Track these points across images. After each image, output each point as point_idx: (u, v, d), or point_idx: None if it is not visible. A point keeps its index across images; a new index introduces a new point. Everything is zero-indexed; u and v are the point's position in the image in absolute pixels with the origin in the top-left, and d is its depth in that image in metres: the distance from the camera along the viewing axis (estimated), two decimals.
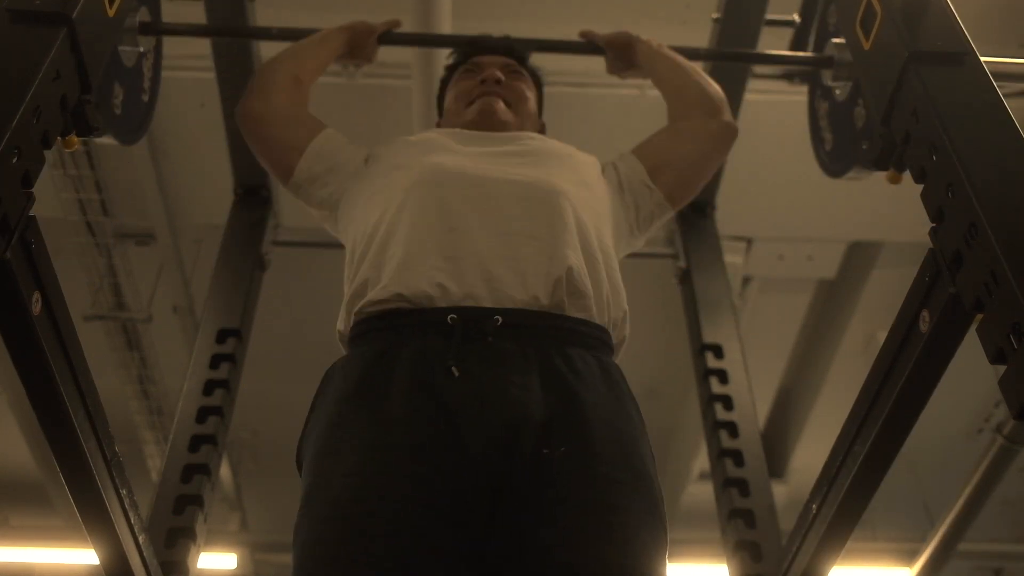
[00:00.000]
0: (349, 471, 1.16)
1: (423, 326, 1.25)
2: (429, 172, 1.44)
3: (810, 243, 3.97)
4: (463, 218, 1.36)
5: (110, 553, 1.38)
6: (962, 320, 1.04)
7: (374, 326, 1.30)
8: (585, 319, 1.31)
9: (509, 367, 1.22)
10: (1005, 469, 3.57)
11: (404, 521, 1.11)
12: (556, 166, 1.51)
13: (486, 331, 1.23)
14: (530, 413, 1.18)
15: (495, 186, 1.41)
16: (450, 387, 1.19)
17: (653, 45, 1.84)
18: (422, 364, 1.22)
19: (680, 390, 4.48)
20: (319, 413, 1.27)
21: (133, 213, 3.77)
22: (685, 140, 1.70)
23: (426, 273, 1.29)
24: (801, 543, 1.42)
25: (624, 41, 1.87)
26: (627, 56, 1.87)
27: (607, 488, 1.16)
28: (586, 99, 3.49)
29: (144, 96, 1.72)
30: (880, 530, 4.96)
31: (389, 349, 1.25)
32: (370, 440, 1.18)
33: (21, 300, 1.04)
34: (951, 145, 1.08)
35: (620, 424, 1.24)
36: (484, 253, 1.31)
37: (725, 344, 2.27)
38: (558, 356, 1.25)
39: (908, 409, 1.17)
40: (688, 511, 4.76)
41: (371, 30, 1.85)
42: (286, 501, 1.59)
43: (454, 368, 1.20)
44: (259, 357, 2.62)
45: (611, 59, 1.90)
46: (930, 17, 1.23)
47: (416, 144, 1.58)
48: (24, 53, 1.11)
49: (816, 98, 1.92)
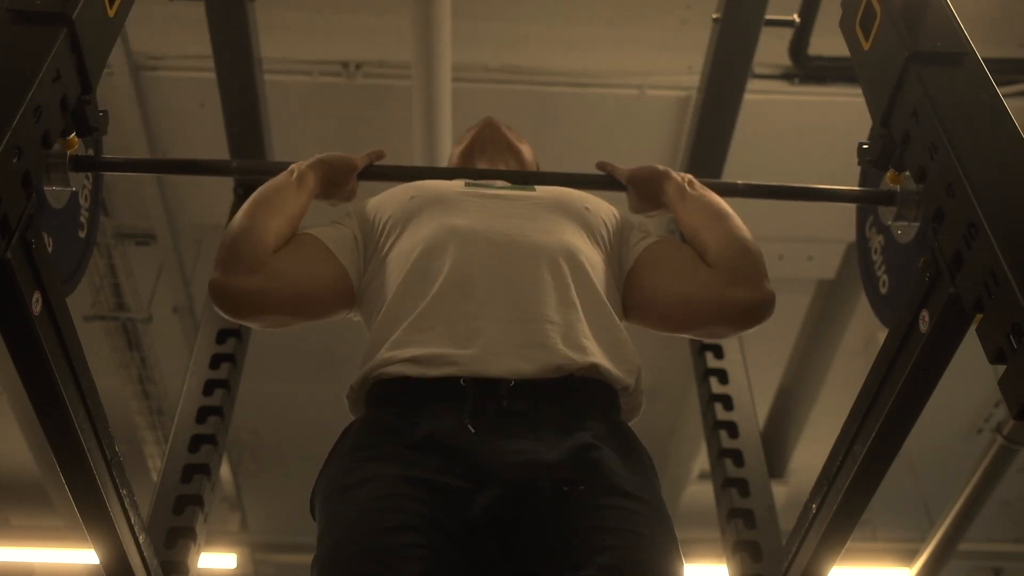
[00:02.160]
0: (365, 498, 1.16)
1: (439, 389, 1.26)
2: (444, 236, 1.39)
3: (810, 243, 3.97)
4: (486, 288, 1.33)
5: (110, 553, 1.38)
6: (962, 320, 1.04)
7: (390, 389, 1.30)
8: (596, 380, 1.31)
9: (523, 423, 1.23)
10: (1005, 469, 3.58)
11: (419, 542, 1.11)
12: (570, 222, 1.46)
13: (500, 394, 1.24)
14: (548, 460, 1.19)
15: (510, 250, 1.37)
16: (465, 442, 1.21)
17: (684, 184, 1.52)
18: (438, 423, 1.23)
19: (680, 390, 4.48)
20: (334, 463, 1.28)
21: (133, 213, 3.78)
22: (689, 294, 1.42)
23: (441, 343, 1.28)
24: (801, 543, 1.42)
25: (648, 176, 1.56)
26: (652, 193, 1.56)
27: (627, 517, 1.17)
28: (586, 99, 3.49)
29: (81, 232, 1.48)
30: (880, 530, 4.96)
31: (405, 410, 1.26)
32: (386, 473, 1.19)
33: (21, 300, 1.04)
34: (951, 145, 1.08)
35: (636, 470, 1.25)
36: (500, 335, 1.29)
37: (725, 344, 2.27)
38: (570, 417, 1.25)
39: (908, 409, 1.17)
40: (688, 511, 4.76)
41: (352, 166, 1.54)
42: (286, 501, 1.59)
43: (470, 426, 1.21)
44: (259, 357, 2.62)
45: (633, 197, 1.59)
46: (930, 17, 1.23)
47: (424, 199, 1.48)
48: (24, 53, 1.11)
49: (867, 226, 1.61)
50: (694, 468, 4.81)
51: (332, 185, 1.53)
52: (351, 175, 1.55)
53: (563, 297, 1.34)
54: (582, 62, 3.54)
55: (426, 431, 1.22)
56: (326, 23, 3.57)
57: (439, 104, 3.08)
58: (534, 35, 3.52)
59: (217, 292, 1.36)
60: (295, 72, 3.55)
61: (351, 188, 1.56)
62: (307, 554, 1.18)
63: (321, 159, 1.53)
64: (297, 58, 3.54)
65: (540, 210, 1.46)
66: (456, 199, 1.46)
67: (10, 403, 3.79)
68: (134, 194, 3.67)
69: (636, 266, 1.47)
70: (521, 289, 1.34)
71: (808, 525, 1.39)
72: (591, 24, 3.50)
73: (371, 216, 1.49)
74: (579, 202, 1.51)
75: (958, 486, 3.73)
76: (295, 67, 3.55)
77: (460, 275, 1.34)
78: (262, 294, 1.37)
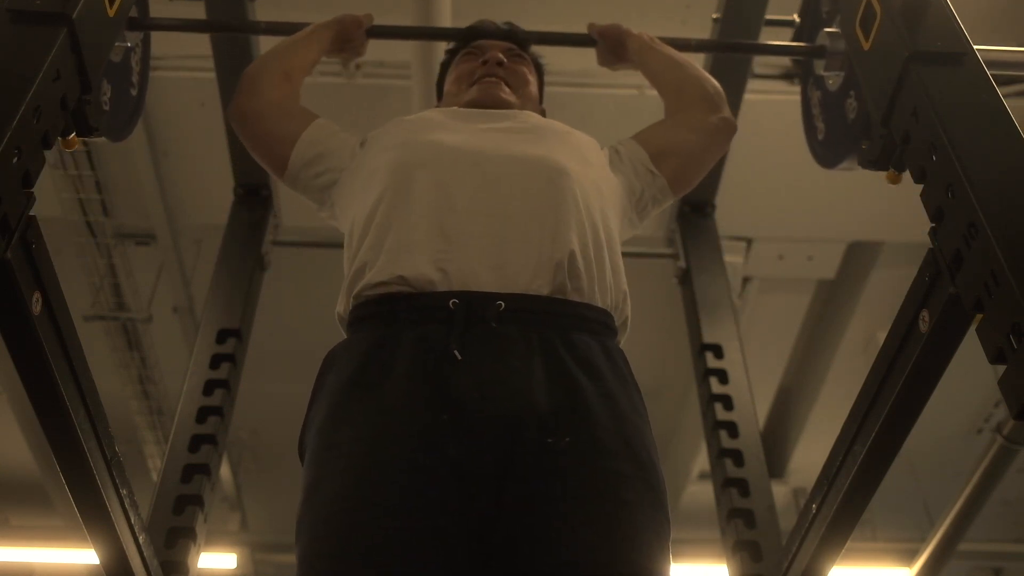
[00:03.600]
0: (349, 465, 1.15)
1: (424, 310, 1.24)
2: (428, 151, 1.42)
3: (810, 243, 3.97)
4: (463, 198, 1.34)
5: (110, 553, 1.38)
6: (962, 320, 1.04)
7: (374, 310, 1.28)
8: (588, 303, 1.30)
9: (512, 353, 1.20)
10: (1005, 469, 3.58)
11: (405, 513, 1.10)
12: (557, 143, 1.48)
13: (488, 316, 1.22)
14: (534, 401, 1.17)
15: (495, 164, 1.39)
16: (452, 374, 1.18)
17: (645, 39, 1.81)
18: (423, 350, 1.21)
19: (680, 390, 4.48)
20: (320, 402, 1.26)
21: (133, 213, 3.78)
22: (687, 131, 1.68)
23: (427, 255, 1.27)
24: (801, 543, 1.42)
25: (615, 34, 1.84)
26: (618, 50, 1.85)
27: (613, 482, 1.15)
28: (586, 99, 3.49)
29: (132, 91, 1.71)
30: (880, 530, 4.96)
31: (389, 334, 1.24)
32: (369, 431, 1.17)
33: (21, 300, 1.04)
34: (951, 145, 1.08)
35: (624, 412, 1.23)
36: (486, 235, 1.29)
37: (725, 344, 2.27)
38: (561, 342, 1.23)
39: (908, 409, 1.17)
40: (688, 511, 4.76)
41: (359, 23, 1.82)
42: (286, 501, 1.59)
43: (456, 353, 1.19)
44: (259, 357, 2.62)
45: (602, 51, 1.88)
46: (930, 17, 1.23)
47: (413, 123, 1.56)
48: (24, 53, 1.11)
49: (809, 87, 1.91)
50: (694, 468, 4.81)
51: (343, 40, 1.82)
52: (359, 31, 1.82)
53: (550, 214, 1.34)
54: (582, 62, 3.53)
55: (411, 363, 1.20)
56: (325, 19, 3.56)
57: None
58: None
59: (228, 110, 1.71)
60: None
61: (359, 43, 1.85)
62: None
63: (335, 19, 1.81)
64: None
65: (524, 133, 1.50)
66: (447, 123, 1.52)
67: (10, 403, 3.79)
68: (134, 194, 3.67)
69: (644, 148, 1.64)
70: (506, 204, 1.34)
71: (808, 525, 1.39)
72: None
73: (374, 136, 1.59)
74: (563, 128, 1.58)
75: (958, 486, 3.73)
76: None
77: (441, 193, 1.35)
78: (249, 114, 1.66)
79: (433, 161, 1.40)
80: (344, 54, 1.86)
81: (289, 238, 2.70)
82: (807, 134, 1.89)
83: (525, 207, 1.34)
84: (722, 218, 2.64)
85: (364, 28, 1.82)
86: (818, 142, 1.82)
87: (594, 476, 1.15)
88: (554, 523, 1.11)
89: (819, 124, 1.81)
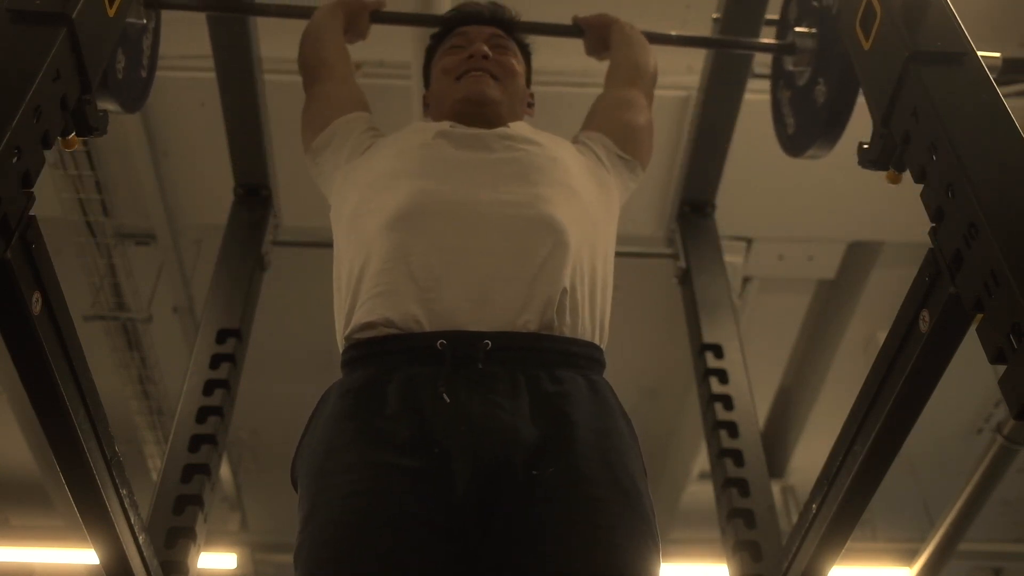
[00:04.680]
0: (346, 492, 1.17)
1: (413, 351, 1.26)
2: (419, 200, 1.41)
3: (810, 243, 3.96)
4: (453, 241, 1.35)
5: (110, 553, 1.38)
6: (962, 320, 1.04)
7: (365, 352, 1.31)
8: (575, 338, 1.31)
9: (498, 392, 1.22)
10: (1005, 469, 3.57)
11: (401, 538, 1.12)
12: (545, 177, 1.47)
13: (476, 357, 1.24)
14: (520, 437, 1.19)
15: (485, 211, 1.39)
16: (441, 413, 1.20)
17: (627, 29, 1.90)
18: (412, 390, 1.23)
19: (680, 390, 4.48)
20: (314, 433, 1.29)
21: (133, 213, 3.77)
22: (640, 111, 1.77)
23: (413, 296, 1.29)
24: (801, 543, 1.42)
25: (603, 22, 1.92)
26: (605, 38, 1.92)
27: (594, 509, 1.17)
28: (586, 99, 3.47)
29: (143, 72, 1.78)
30: (880, 530, 4.96)
31: (381, 375, 1.26)
32: (364, 461, 1.19)
33: (21, 300, 1.04)
34: (951, 145, 1.08)
35: (610, 442, 1.25)
36: (473, 275, 1.30)
37: (725, 344, 2.27)
38: (548, 378, 1.25)
39: (908, 409, 1.17)
40: (688, 511, 4.76)
41: (363, 5, 1.91)
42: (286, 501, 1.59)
43: (444, 395, 1.21)
44: (259, 357, 2.62)
45: (589, 41, 1.95)
46: (930, 17, 1.23)
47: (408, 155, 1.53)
48: (24, 53, 1.11)
49: (779, 88, 1.98)
50: (694, 468, 4.81)
51: (349, 23, 1.90)
52: (363, 13, 1.91)
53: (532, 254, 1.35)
54: (582, 62, 3.53)
55: (401, 402, 1.22)
56: None
57: None
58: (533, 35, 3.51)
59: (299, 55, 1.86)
60: (295, 72, 3.54)
61: (363, 27, 1.93)
62: None
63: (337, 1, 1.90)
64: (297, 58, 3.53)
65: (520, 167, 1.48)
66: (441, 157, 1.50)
67: (10, 403, 3.79)
68: (134, 194, 3.67)
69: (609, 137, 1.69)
70: (498, 243, 1.35)
71: (808, 525, 1.39)
72: None
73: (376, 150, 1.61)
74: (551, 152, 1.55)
75: (958, 486, 3.72)
76: (295, 67, 3.53)
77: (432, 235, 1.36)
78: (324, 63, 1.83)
79: (425, 210, 1.40)
80: (346, 35, 1.91)
81: (289, 238, 2.70)
82: (777, 131, 1.98)
83: (513, 247, 1.35)
84: (722, 218, 2.63)
85: (368, 11, 1.91)
86: (788, 136, 1.91)
87: (576, 501, 1.17)
88: (538, 545, 1.12)
89: (789, 120, 1.90)
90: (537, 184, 1.45)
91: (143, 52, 1.77)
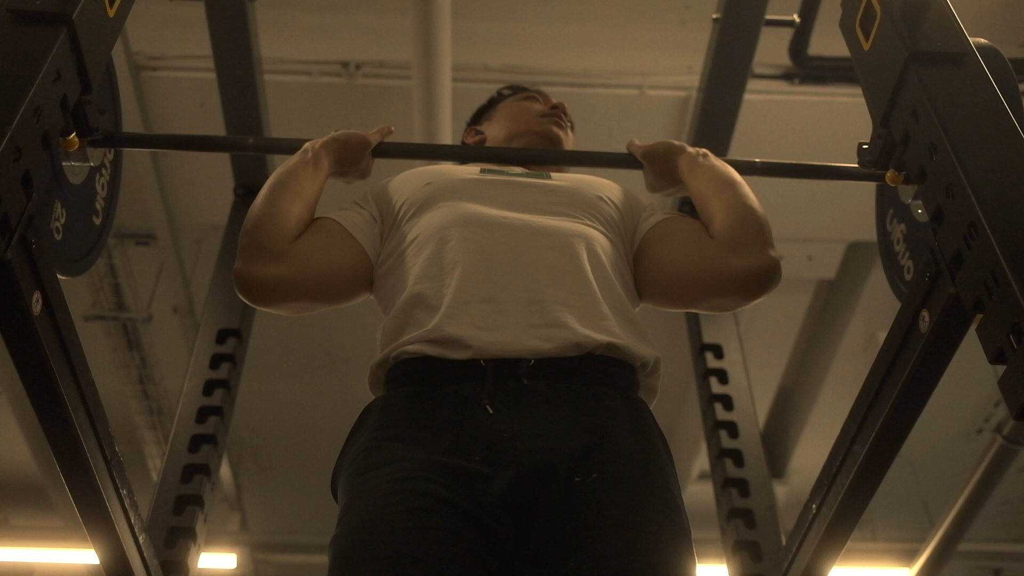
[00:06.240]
0: (382, 483, 1.16)
1: (459, 368, 1.26)
2: (469, 220, 1.40)
3: (810, 243, 3.97)
4: (502, 269, 1.34)
5: (110, 553, 1.38)
6: (962, 320, 1.04)
7: (410, 369, 1.30)
8: (615, 358, 1.30)
9: (540, 405, 1.23)
10: (1005, 469, 3.58)
11: (438, 523, 1.11)
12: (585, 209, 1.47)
13: (520, 373, 1.25)
14: (562, 445, 1.20)
15: (533, 236, 1.38)
16: (485, 423, 1.21)
17: (698, 157, 1.51)
18: (458, 403, 1.23)
19: (680, 390, 4.48)
20: (355, 442, 1.28)
21: (133, 213, 3.78)
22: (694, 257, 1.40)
23: (464, 322, 1.28)
24: (801, 543, 1.42)
25: (663, 152, 1.54)
26: (667, 169, 1.54)
27: (640, 513, 1.17)
28: (586, 99, 3.49)
29: (95, 219, 1.45)
30: (880, 530, 4.96)
31: (425, 391, 1.26)
32: (405, 456, 1.19)
33: (21, 300, 1.04)
34: (951, 145, 1.08)
35: (647, 455, 1.25)
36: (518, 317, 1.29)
37: (725, 344, 2.27)
38: (588, 394, 1.26)
39: (908, 409, 1.17)
40: (688, 511, 4.75)
41: (365, 143, 1.54)
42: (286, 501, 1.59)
43: (488, 406, 1.21)
44: (259, 357, 2.62)
45: (650, 174, 1.57)
46: (930, 17, 1.23)
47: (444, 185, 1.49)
48: (24, 53, 1.11)
49: (888, 219, 1.57)
50: (694, 468, 4.81)
51: (347, 164, 1.53)
52: (364, 152, 1.54)
53: (578, 280, 1.34)
54: (582, 62, 3.54)
55: (446, 412, 1.22)
56: (326, 23, 3.57)
57: (439, 104, 3.08)
58: (534, 35, 3.52)
59: (241, 281, 1.36)
60: (295, 72, 3.56)
61: (365, 166, 1.56)
62: (307, 554, 1.19)
63: (334, 138, 1.52)
64: (297, 58, 3.54)
65: (553, 198, 1.47)
66: (471, 187, 1.47)
67: (10, 403, 3.79)
68: (134, 194, 3.67)
69: (643, 244, 1.48)
70: (536, 273, 1.34)
71: (808, 525, 1.39)
72: (591, 24, 3.50)
73: (388, 199, 1.50)
74: (591, 190, 1.52)
75: (958, 486, 3.73)
76: (295, 67, 3.55)
77: (477, 259, 1.34)
78: (286, 282, 1.37)
79: (467, 232, 1.38)
80: (345, 177, 1.56)
81: None
82: (889, 276, 1.57)
83: (554, 279, 1.34)
84: None
85: (371, 148, 1.55)
86: (903, 283, 1.50)
87: (619, 503, 1.17)
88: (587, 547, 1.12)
89: (905, 263, 1.49)
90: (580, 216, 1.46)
91: (96, 194, 1.46)
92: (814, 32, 2.94)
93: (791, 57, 3.36)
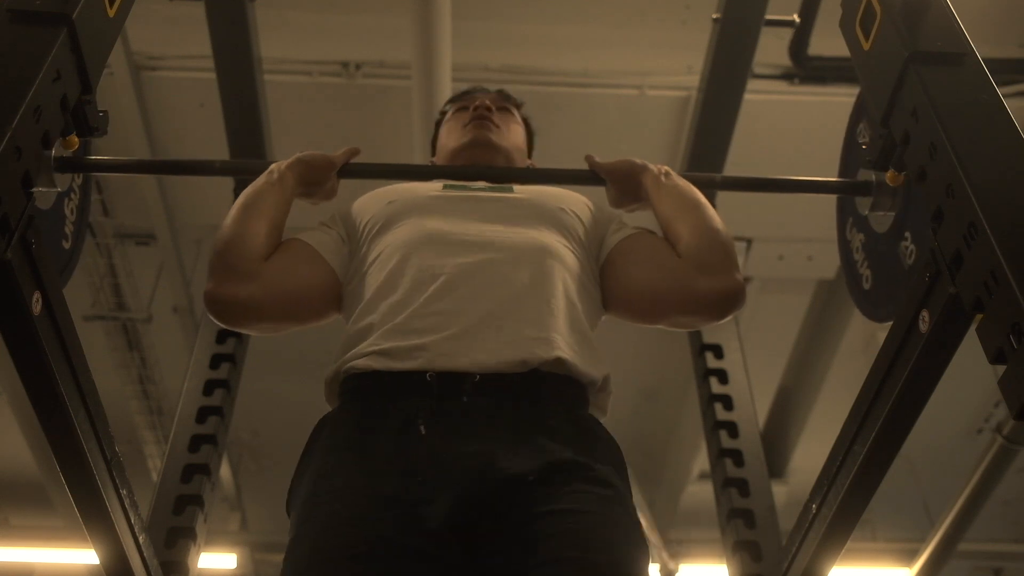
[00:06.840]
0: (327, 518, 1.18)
1: (404, 383, 1.27)
2: (430, 237, 1.42)
3: (810, 243, 3.97)
4: (459, 286, 1.35)
5: (110, 553, 1.38)
6: (962, 320, 1.04)
7: (358, 384, 1.31)
8: (561, 374, 1.30)
9: (481, 422, 1.23)
10: (1005, 469, 3.58)
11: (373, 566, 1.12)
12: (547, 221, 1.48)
13: (463, 390, 1.25)
14: (499, 462, 1.20)
15: (492, 251, 1.39)
16: (426, 444, 1.21)
17: (660, 177, 1.52)
18: (402, 424, 1.24)
19: (680, 390, 4.48)
20: (307, 463, 1.30)
21: (133, 213, 3.78)
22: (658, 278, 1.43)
23: (412, 336, 1.29)
24: (801, 543, 1.42)
25: (626, 170, 1.55)
26: (631, 187, 1.55)
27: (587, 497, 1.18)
28: (586, 99, 3.49)
29: (65, 243, 1.44)
30: (880, 530, 4.97)
31: (374, 406, 1.28)
32: (351, 487, 1.20)
33: (21, 300, 1.04)
34: (951, 145, 1.08)
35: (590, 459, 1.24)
36: (467, 330, 1.30)
37: (725, 344, 2.27)
38: (531, 411, 1.26)
39: (908, 409, 1.17)
40: (688, 511, 4.76)
41: (330, 163, 1.53)
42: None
43: (423, 427, 1.22)
44: (259, 357, 2.62)
45: (612, 191, 1.57)
46: (930, 17, 1.23)
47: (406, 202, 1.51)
48: (24, 53, 1.11)
49: (848, 228, 1.61)
50: (694, 468, 4.81)
51: (312, 184, 1.54)
52: (330, 173, 1.54)
53: (534, 296, 1.35)
54: (582, 62, 3.54)
55: (391, 435, 1.23)
56: (326, 23, 3.57)
57: (439, 104, 3.08)
58: (534, 35, 3.52)
59: (211, 302, 1.39)
60: (295, 72, 3.56)
61: (331, 187, 1.56)
62: None
63: (299, 158, 1.53)
64: (297, 58, 3.54)
65: (515, 212, 1.49)
66: (432, 203, 1.49)
67: (10, 403, 3.79)
68: (134, 194, 3.67)
69: (609, 258, 1.49)
70: (492, 289, 1.34)
71: (808, 525, 1.39)
72: (591, 24, 3.50)
73: (354, 219, 1.53)
74: (554, 202, 1.53)
75: (958, 486, 3.73)
76: (295, 67, 3.55)
77: (435, 275, 1.35)
78: (256, 302, 1.39)
79: (424, 249, 1.40)
80: (311, 199, 1.57)
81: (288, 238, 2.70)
82: (849, 282, 1.60)
83: (509, 294, 1.34)
84: (722, 218, 2.63)
85: (336, 169, 1.54)
86: (863, 292, 1.52)
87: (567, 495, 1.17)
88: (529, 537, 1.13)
89: (863, 271, 1.52)
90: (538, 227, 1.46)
91: (65, 220, 1.44)
92: (814, 32, 2.94)
93: (791, 57, 3.36)
